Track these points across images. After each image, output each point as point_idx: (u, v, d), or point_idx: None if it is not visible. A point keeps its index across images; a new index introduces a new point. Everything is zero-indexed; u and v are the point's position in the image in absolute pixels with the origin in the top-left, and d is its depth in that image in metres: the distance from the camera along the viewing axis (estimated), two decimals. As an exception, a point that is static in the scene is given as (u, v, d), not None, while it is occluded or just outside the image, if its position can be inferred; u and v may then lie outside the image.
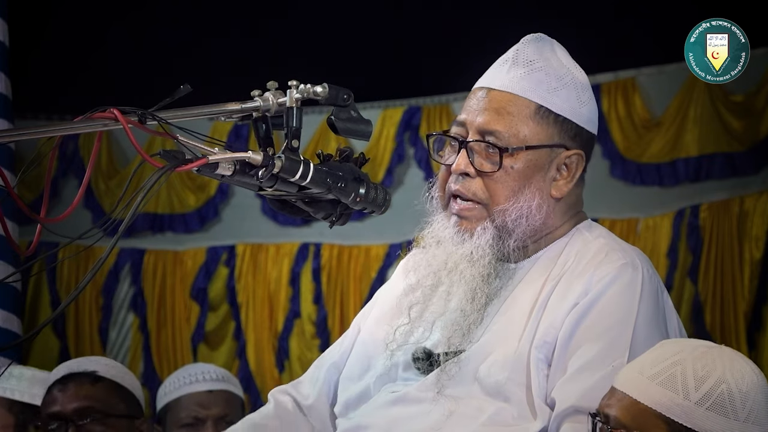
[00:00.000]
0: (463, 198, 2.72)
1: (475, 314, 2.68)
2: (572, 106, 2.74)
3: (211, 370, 4.80)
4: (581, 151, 2.76)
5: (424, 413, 2.65)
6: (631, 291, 2.64)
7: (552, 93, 2.73)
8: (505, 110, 2.71)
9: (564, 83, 2.74)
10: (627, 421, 2.39)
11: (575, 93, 2.75)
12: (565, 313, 2.63)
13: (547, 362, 2.62)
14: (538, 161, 2.72)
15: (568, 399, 2.56)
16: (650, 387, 2.38)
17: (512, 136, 2.70)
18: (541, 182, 2.72)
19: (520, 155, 2.70)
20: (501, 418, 2.60)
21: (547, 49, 2.77)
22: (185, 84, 2.28)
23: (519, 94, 2.72)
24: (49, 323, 8.67)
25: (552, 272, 2.71)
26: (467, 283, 2.69)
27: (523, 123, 2.71)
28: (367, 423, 2.71)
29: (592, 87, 2.86)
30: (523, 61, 2.74)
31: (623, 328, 2.60)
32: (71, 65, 8.21)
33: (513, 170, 2.70)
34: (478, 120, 2.71)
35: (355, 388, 2.80)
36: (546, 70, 2.74)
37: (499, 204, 2.70)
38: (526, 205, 2.70)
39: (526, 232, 2.72)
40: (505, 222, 2.70)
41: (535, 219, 2.71)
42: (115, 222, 2.22)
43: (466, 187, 2.72)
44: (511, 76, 2.73)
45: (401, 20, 7.97)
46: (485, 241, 2.70)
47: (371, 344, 2.83)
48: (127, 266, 8.89)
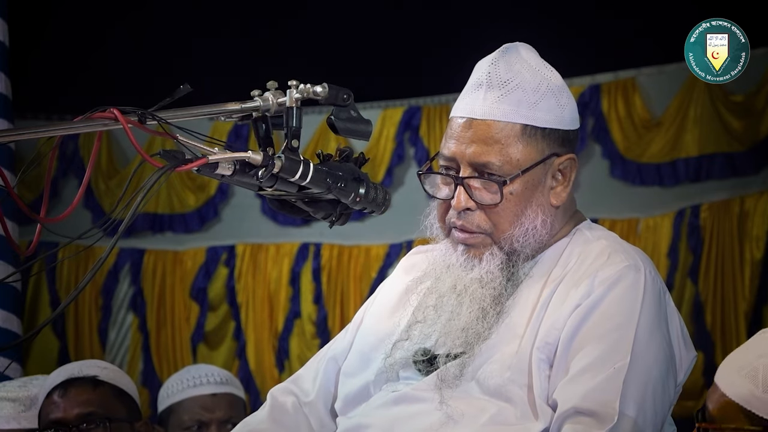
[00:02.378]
0: (468, 232, 2.72)
1: (482, 330, 2.68)
2: (555, 114, 2.73)
3: (215, 372, 4.78)
4: (573, 155, 2.76)
5: (425, 413, 2.65)
6: (634, 293, 2.63)
7: (533, 108, 2.71)
8: (493, 139, 2.69)
9: (542, 94, 2.72)
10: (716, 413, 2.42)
11: (554, 100, 2.73)
12: (567, 314, 2.63)
13: (548, 363, 2.62)
14: (535, 178, 2.72)
15: (569, 400, 2.55)
16: (735, 379, 2.40)
17: (506, 164, 2.69)
18: (540, 197, 2.72)
19: (517, 180, 2.69)
20: (503, 418, 2.60)
21: (516, 62, 2.74)
22: (185, 84, 2.28)
23: (501, 119, 2.69)
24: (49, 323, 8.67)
25: (553, 273, 2.71)
26: (478, 302, 2.69)
27: (513, 147, 2.69)
28: (368, 422, 2.70)
29: (592, 87, 2.86)
30: (497, 83, 2.71)
31: (626, 330, 2.60)
32: (71, 65, 8.21)
33: (513, 196, 2.70)
34: (468, 153, 2.70)
35: (354, 385, 2.80)
36: (522, 86, 2.71)
37: (505, 231, 2.70)
38: (531, 225, 2.71)
39: (534, 247, 2.73)
40: (513, 246, 2.71)
41: (542, 234, 2.72)
42: (115, 222, 2.22)
43: (469, 221, 2.71)
44: (489, 102, 2.70)
45: (401, 20, 7.97)
46: (495, 265, 2.71)
47: (370, 341, 2.83)
48: (126, 266, 8.89)
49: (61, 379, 3.83)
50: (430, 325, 2.73)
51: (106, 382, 3.83)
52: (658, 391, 2.60)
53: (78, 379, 3.82)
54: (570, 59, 6.86)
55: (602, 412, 2.53)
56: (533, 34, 3.18)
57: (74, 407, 3.79)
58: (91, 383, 3.81)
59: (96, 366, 3.89)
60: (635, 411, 2.54)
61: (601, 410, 2.53)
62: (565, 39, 6.87)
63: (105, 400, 3.81)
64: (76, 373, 3.84)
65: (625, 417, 2.53)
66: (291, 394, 2.93)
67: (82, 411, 3.78)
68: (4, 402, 4.13)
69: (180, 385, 4.73)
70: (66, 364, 3.96)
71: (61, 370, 3.89)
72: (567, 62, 3.77)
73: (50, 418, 3.81)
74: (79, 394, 3.80)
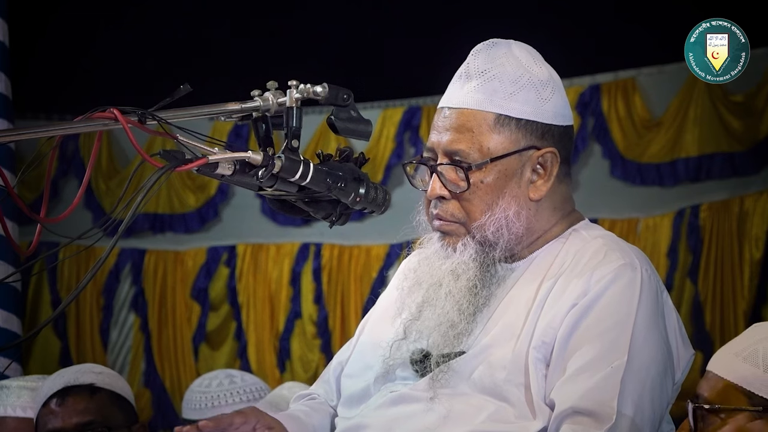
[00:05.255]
0: (443, 220, 2.73)
1: (463, 324, 2.68)
2: (533, 107, 2.73)
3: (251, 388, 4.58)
4: (554, 149, 2.74)
5: (422, 413, 2.65)
6: (631, 291, 2.63)
7: (509, 99, 2.71)
8: (465, 127, 2.70)
9: (520, 85, 2.72)
10: (712, 397, 2.43)
11: (535, 92, 2.73)
12: (563, 313, 2.63)
13: (545, 362, 2.62)
14: (509, 169, 2.71)
15: (567, 400, 2.56)
16: (734, 363, 2.42)
17: (475, 151, 2.69)
18: (516, 189, 2.72)
19: (488, 168, 2.70)
20: (500, 417, 2.60)
21: (500, 54, 2.75)
22: (185, 84, 2.28)
23: (475, 108, 2.71)
24: (50, 323, 8.67)
25: (549, 272, 2.71)
26: (453, 296, 2.70)
27: (484, 136, 2.70)
28: (366, 423, 2.71)
29: (592, 87, 2.86)
30: (475, 72, 2.73)
31: (622, 328, 2.60)
32: (71, 65, 8.22)
33: (483, 184, 2.70)
34: (443, 141, 2.72)
35: (356, 386, 2.81)
36: (500, 77, 2.72)
37: (476, 220, 2.71)
38: (503, 216, 2.70)
39: (509, 240, 2.72)
40: (485, 236, 2.71)
41: (516, 226, 2.71)
42: (115, 222, 2.22)
43: (444, 210, 2.73)
44: (465, 91, 2.72)
45: (401, 20, 7.97)
46: (468, 256, 2.71)
47: (370, 345, 2.84)
48: (127, 266, 8.90)
49: (57, 388, 3.82)
50: (423, 322, 2.74)
51: (103, 389, 3.82)
52: (656, 389, 2.60)
53: (75, 387, 3.81)
54: (570, 59, 6.88)
55: (600, 411, 2.53)
56: (534, 34, 3.19)
57: (72, 416, 3.79)
58: (88, 391, 3.81)
59: (92, 372, 3.88)
60: (633, 410, 2.55)
61: (599, 409, 2.53)
62: (565, 38, 6.88)
63: (103, 407, 3.81)
64: (73, 381, 3.82)
65: (623, 416, 2.53)
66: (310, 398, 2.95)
67: (81, 420, 3.78)
68: (24, 390, 4.15)
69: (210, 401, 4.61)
70: (61, 371, 3.93)
71: (57, 377, 3.86)
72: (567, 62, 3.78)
73: (48, 427, 3.80)
74: (77, 402, 3.80)
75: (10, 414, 4.17)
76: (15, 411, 4.16)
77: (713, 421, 2.43)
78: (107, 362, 8.70)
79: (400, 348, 2.74)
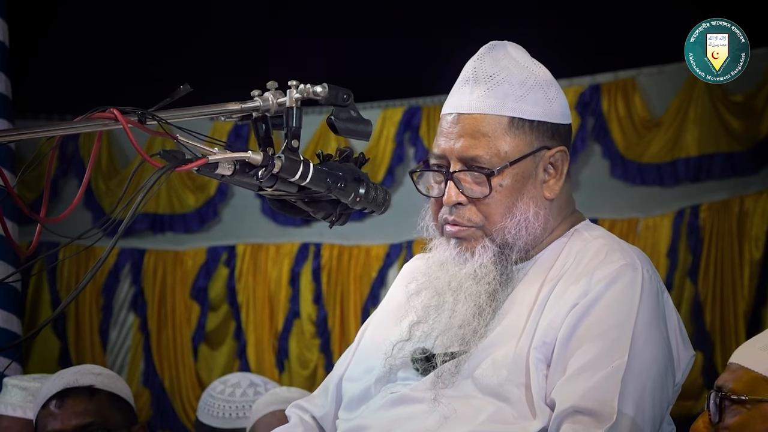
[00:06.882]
0: (460, 226, 2.73)
1: (476, 323, 2.68)
2: (543, 107, 2.74)
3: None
4: (563, 147, 2.77)
5: (423, 413, 2.65)
6: (631, 292, 2.64)
7: (520, 101, 2.72)
8: (480, 132, 2.71)
9: (529, 87, 2.74)
10: (738, 388, 2.46)
11: (542, 93, 2.75)
12: (564, 313, 2.63)
13: (546, 362, 2.62)
14: (525, 171, 2.73)
15: (568, 399, 2.56)
16: (762, 356, 2.46)
17: (494, 156, 2.70)
18: (532, 189, 2.73)
19: (506, 172, 2.71)
20: (500, 417, 2.60)
21: (503, 57, 2.76)
22: (185, 84, 2.28)
23: (488, 112, 2.72)
24: (49, 323, 8.67)
25: (550, 273, 2.71)
26: (473, 299, 2.70)
27: (501, 140, 2.71)
28: (367, 424, 2.71)
29: (592, 87, 2.87)
30: (483, 77, 2.74)
31: (623, 328, 2.61)
32: (71, 65, 8.22)
33: (503, 188, 2.71)
34: (457, 148, 2.71)
35: (357, 387, 2.81)
36: (508, 80, 2.73)
37: (497, 223, 2.71)
38: (523, 217, 2.72)
39: (527, 241, 2.73)
40: (505, 238, 2.72)
41: (535, 227, 2.73)
42: (115, 222, 2.22)
43: (460, 216, 2.73)
44: (475, 96, 2.73)
45: (401, 20, 7.97)
46: (488, 258, 2.71)
47: (372, 348, 2.84)
48: (127, 266, 8.90)
49: (56, 389, 3.81)
50: (430, 325, 2.74)
51: (102, 390, 3.82)
52: (656, 389, 2.60)
53: (74, 389, 3.81)
54: (570, 59, 6.89)
55: (601, 410, 2.53)
56: (534, 34, 3.19)
57: (72, 418, 3.79)
58: (87, 392, 3.80)
59: (91, 373, 3.88)
60: (634, 409, 2.55)
61: (600, 409, 2.53)
62: (565, 39, 6.88)
63: (102, 409, 3.81)
64: (72, 383, 3.82)
65: (623, 416, 2.53)
66: (308, 412, 2.95)
67: (80, 422, 3.78)
68: (16, 389, 4.16)
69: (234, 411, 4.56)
70: (60, 372, 3.92)
71: (56, 379, 3.86)
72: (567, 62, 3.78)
73: (48, 429, 3.80)
74: (77, 404, 3.79)
75: (2, 412, 4.18)
76: (7, 410, 4.17)
77: (739, 411, 2.46)
78: (106, 362, 8.70)
79: (402, 349, 2.74)
